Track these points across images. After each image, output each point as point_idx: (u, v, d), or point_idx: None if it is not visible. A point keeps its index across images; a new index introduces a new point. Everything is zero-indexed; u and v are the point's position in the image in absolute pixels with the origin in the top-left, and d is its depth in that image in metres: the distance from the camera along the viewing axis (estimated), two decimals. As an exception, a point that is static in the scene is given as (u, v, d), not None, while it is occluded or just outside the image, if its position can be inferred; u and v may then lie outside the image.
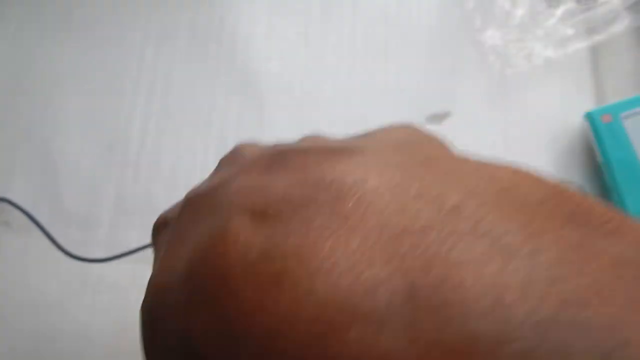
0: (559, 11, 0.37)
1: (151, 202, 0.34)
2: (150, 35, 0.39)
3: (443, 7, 0.39)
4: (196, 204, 0.11)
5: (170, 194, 0.35)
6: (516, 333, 0.07)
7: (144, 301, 0.11)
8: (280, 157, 0.11)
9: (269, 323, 0.08)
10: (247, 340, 0.08)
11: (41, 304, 0.32)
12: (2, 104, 0.37)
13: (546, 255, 0.08)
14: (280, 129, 0.36)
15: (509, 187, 0.09)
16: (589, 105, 0.35)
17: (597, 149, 0.32)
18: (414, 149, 0.12)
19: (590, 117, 0.33)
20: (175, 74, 0.38)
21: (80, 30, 0.39)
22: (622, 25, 0.36)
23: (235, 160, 0.14)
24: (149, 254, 0.32)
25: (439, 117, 0.36)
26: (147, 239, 0.33)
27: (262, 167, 0.11)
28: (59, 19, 0.39)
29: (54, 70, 0.37)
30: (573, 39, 0.36)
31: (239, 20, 0.39)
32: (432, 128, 0.36)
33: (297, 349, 0.08)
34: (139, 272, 0.32)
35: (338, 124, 0.36)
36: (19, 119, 0.37)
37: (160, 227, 0.14)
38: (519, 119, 0.36)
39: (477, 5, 0.38)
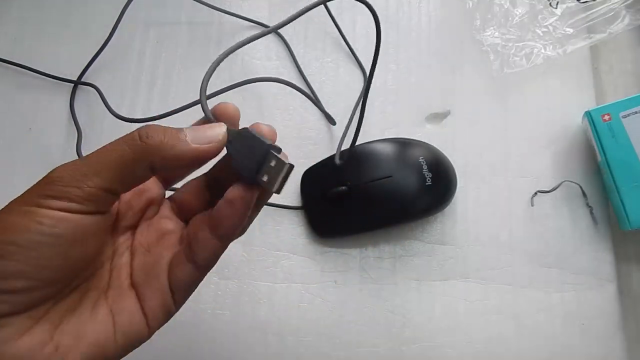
0: (559, 10, 0.37)
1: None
2: (150, 35, 0.39)
3: (443, 6, 0.39)
4: None
5: (169, 193, 0.34)
6: None
7: None
8: None
9: None
10: None
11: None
12: (2, 103, 0.37)
13: None
14: (279, 129, 0.36)
15: None
16: (589, 104, 0.35)
17: (596, 147, 0.32)
18: None
19: (590, 116, 0.33)
20: (175, 74, 0.38)
21: (80, 30, 0.39)
22: (622, 24, 0.36)
23: None
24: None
25: (439, 117, 0.36)
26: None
27: None
28: (59, 18, 0.39)
29: (53, 69, 0.37)
30: (573, 39, 0.36)
31: (239, 20, 0.39)
32: (432, 128, 0.36)
33: None
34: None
35: (337, 124, 0.36)
36: (19, 118, 0.37)
37: None
38: (519, 118, 0.36)
39: (476, 5, 0.38)
